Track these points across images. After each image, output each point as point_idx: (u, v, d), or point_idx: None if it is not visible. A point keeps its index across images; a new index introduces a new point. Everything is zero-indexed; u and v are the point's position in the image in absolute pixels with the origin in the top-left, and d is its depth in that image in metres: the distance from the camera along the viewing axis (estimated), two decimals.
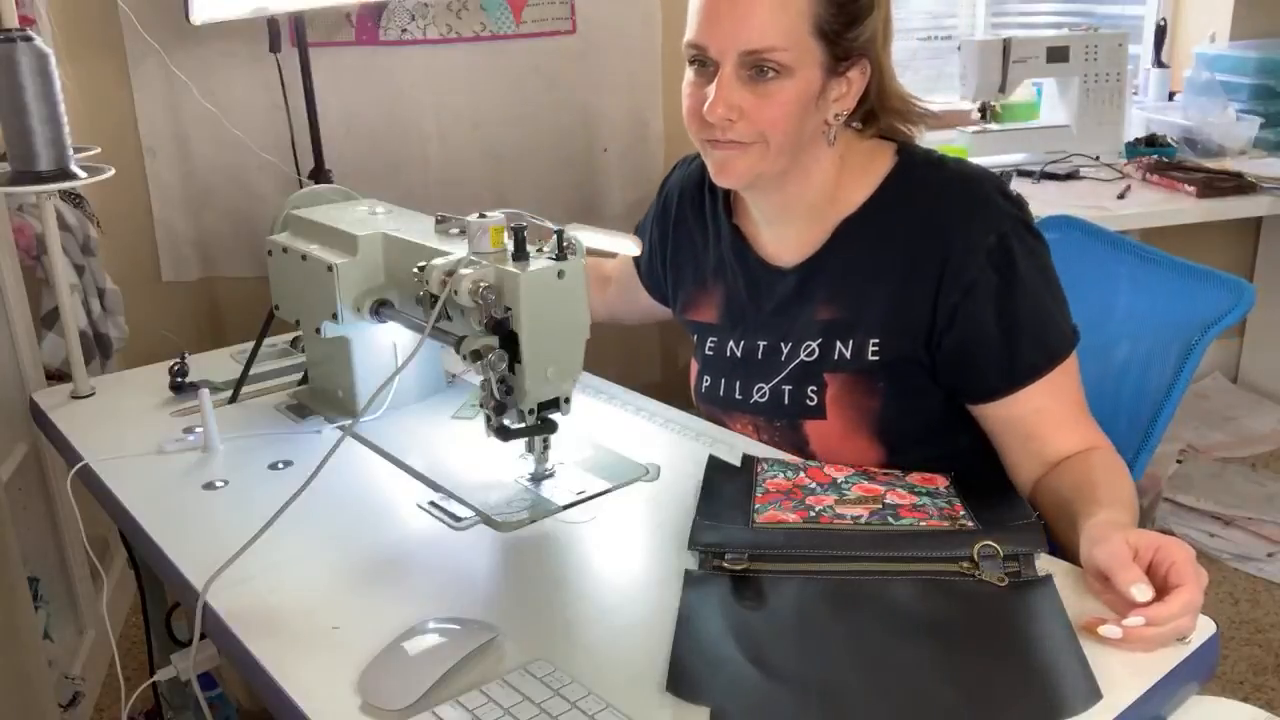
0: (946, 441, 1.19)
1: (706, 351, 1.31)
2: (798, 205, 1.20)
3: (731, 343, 1.28)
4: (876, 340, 1.16)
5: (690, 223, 1.36)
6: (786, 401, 1.21)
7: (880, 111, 1.18)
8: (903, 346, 1.15)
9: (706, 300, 1.33)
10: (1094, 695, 0.79)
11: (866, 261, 1.16)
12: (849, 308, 1.17)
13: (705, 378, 1.32)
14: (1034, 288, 1.11)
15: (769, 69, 1.07)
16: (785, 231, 1.23)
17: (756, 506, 1.08)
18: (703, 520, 1.06)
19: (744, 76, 1.08)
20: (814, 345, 1.19)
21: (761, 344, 1.24)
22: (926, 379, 1.17)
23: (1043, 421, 1.13)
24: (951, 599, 0.91)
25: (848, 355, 1.17)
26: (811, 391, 1.19)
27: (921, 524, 1.02)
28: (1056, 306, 1.14)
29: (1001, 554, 0.95)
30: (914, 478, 1.13)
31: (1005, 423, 1.15)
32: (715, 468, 1.18)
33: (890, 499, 1.07)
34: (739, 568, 0.97)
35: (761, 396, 1.24)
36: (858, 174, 1.19)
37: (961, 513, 1.04)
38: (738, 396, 1.27)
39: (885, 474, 1.14)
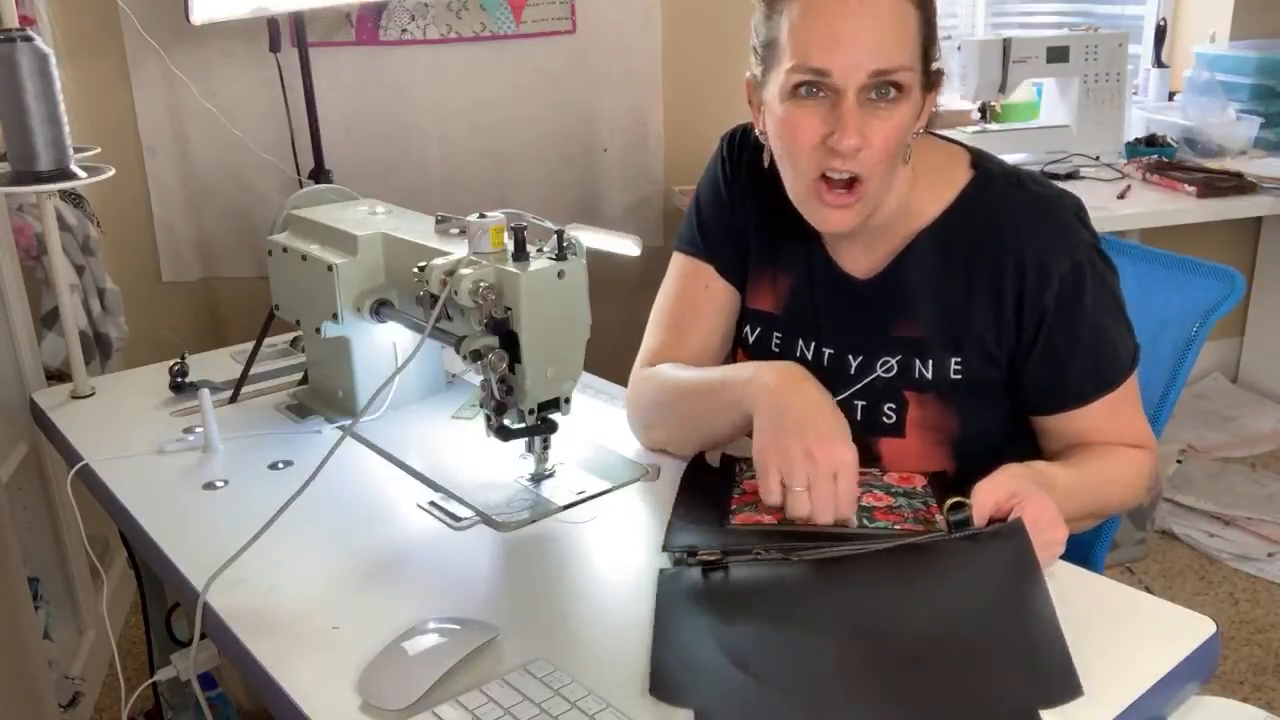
0: (1014, 453, 1.12)
1: (773, 348, 1.23)
2: (870, 221, 1.12)
3: (801, 342, 1.21)
4: (958, 360, 1.12)
5: (762, 194, 1.21)
6: (859, 417, 1.16)
7: None
8: (984, 366, 1.12)
9: (768, 286, 1.23)
10: (1074, 690, 0.80)
11: (944, 279, 1.12)
12: (928, 326, 1.13)
13: None
14: (1096, 318, 1.09)
15: (889, 90, 1.01)
16: (854, 243, 1.16)
17: (733, 508, 1.08)
18: (677, 521, 1.06)
19: (863, 100, 1.01)
20: (892, 361, 1.14)
21: (827, 352, 1.18)
22: (1000, 395, 1.15)
23: (1085, 437, 1.13)
24: (922, 558, 0.94)
25: (929, 375, 1.13)
26: (889, 409, 1.14)
27: (895, 527, 1.02)
28: (1118, 335, 1.11)
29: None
30: (892, 477, 1.13)
31: (1048, 432, 1.15)
32: (695, 467, 1.18)
33: (866, 501, 1.07)
34: (712, 558, 0.97)
35: None
36: (929, 184, 1.13)
37: (936, 516, 1.04)
38: None
39: (864, 472, 1.12)
